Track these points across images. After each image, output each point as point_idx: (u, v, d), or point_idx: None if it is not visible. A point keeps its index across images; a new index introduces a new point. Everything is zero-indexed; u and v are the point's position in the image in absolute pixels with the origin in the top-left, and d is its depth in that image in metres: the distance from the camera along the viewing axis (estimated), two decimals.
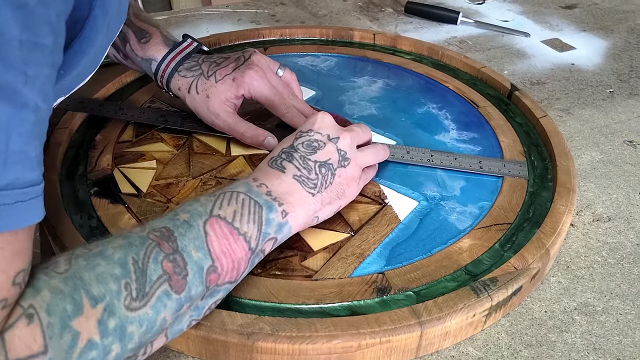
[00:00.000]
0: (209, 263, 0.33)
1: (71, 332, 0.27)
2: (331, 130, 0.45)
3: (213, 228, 0.34)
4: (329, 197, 0.42)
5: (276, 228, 0.38)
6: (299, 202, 0.39)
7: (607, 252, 0.48)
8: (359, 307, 0.40)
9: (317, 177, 0.41)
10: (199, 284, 0.32)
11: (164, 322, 0.31)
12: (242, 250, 0.35)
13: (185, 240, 0.33)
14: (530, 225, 0.47)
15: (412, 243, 0.45)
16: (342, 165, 0.43)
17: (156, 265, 0.31)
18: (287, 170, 0.41)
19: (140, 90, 0.65)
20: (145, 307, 0.30)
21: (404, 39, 0.77)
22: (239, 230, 0.35)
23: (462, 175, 0.53)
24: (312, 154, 0.42)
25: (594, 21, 0.92)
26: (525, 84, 0.74)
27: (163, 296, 0.30)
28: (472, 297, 0.39)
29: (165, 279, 0.31)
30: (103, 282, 0.29)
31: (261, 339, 0.36)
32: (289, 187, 0.40)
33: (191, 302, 0.32)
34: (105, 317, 0.28)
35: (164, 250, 0.32)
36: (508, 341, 0.40)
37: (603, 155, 0.60)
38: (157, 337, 0.31)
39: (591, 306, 0.43)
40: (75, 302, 0.27)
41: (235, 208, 0.36)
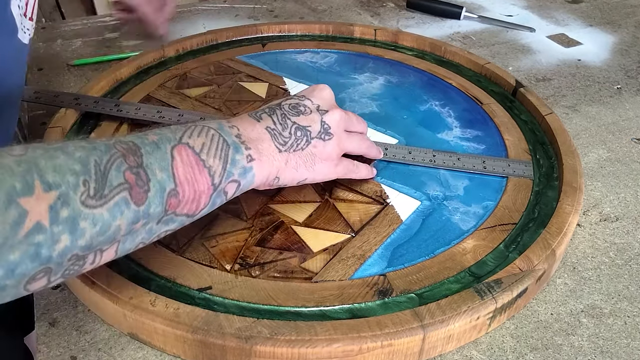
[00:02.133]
0: (171, 186, 0.33)
1: (18, 209, 0.26)
2: (324, 102, 0.45)
3: (180, 154, 0.34)
4: (295, 161, 0.42)
5: (240, 171, 0.38)
6: (265, 152, 0.40)
7: (615, 252, 0.48)
8: (359, 309, 0.40)
9: (290, 136, 0.41)
10: (159, 203, 0.33)
11: (117, 230, 0.31)
12: (205, 183, 0.35)
13: (151, 158, 0.33)
14: (535, 226, 0.47)
15: (415, 244, 0.45)
16: (321, 138, 0.43)
17: (118, 173, 0.31)
18: (263, 120, 0.41)
19: (135, 87, 0.65)
20: (101, 207, 0.29)
21: (406, 34, 0.77)
22: (204, 163, 0.35)
23: (465, 174, 0.53)
24: (293, 116, 0.43)
25: (601, 16, 0.92)
26: (530, 81, 0.73)
27: (122, 203, 0.30)
28: (476, 299, 0.39)
29: (126, 187, 0.31)
30: (60, 173, 0.28)
31: (259, 343, 0.36)
32: (259, 135, 0.40)
33: (147, 219, 0.32)
34: (58, 205, 0.28)
35: (128, 162, 0.31)
36: (513, 345, 0.40)
37: (610, 153, 0.60)
38: (108, 247, 0.31)
39: (598, 308, 0.43)
40: (26, 182, 0.27)
41: (204, 140, 0.36)
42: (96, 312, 0.41)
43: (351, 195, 0.50)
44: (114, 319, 0.40)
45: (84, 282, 0.40)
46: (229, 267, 0.42)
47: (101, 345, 0.39)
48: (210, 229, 0.46)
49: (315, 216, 0.47)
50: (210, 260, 0.43)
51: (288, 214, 0.47)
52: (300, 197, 0.49)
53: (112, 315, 0.39)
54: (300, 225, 0.46)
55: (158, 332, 0.37)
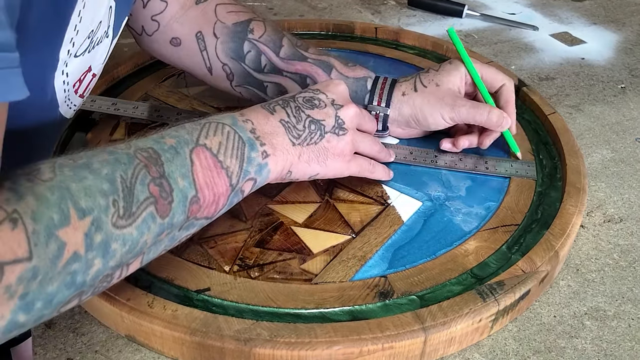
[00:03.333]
0: (192, 193, 0.34)
1: (57, 242, 0.27)
2: (338, 97, 0.45)
3: (199, 157, 0.35)
4: (308, 155, 0.42)
5: (256, 168, 0.38)
6: (279, 147, 0.40)
7: (619, 254, 0.48)
8: (360, 311, 0.40)
9: (304, 130, 0.42)
10: (182, 212, 0.33)
11: (144, 244, 0.31)
12: (224, 185, 0.36)
13: (173, 166, 0.33)
14: (538, 227, 0.47)
15: (416, 245, 0.45)
16: (335, 133, 0.43)
17: (143, 187, 0.31)
18: (277, 113, 0.41)
19: (133, 86, 0.65)
20: (130, 226, 0.30)
21: (407, 32, 0.77)
22: (222, 164, 0.36)
23: (467, 174, 0.53)
24: (307, 109, 0.43)
25: (605, 14, 0.92)
26: (533, 80, 0.73)
27: (149, 218, 0.31)
28: (478, 301, 0.39)
29: (152, 201, 0.31)
30: (91, 196, 0.28)
31: (259, 345, 0.36)
32: (273, 128, 0.40)
33: (171, 229, 0.33)
34: (92, 231, 0.28)
35: (151, 174, 0.32)
36: (515, 347, 0.40)
37: (614, 153, 0.60)
38: (134, 261, 0.32)
39: (602, 311, 0.43)
40: (62, 212, 0.27)
41: (220, 139, 0.37)
42: (93, 314, 0.41)
43: (352, 195, 0.50)
44: (111, 320, 0.40)
45: None
46: (228, 268, 0.42)
47: (98, 347, 0.39)
48: (208, 230, 0.45)
49: (316, 217, 0.47)
50: (209, 261, 0.43)
51: (288, 215, 0.47)
52: (300, 198, 0.49)
53: (109, 316, 0.39)
54: (300, 226, 0.46)
55: (156, 334, 0.38)
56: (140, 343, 0.39)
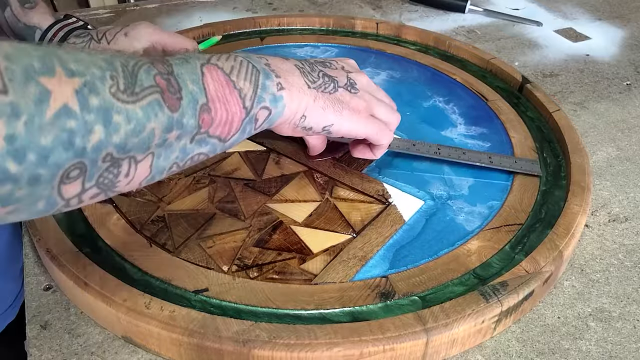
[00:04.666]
0: (203, 100, 0.33)
1: (38, 87, 0.24)
2: (349, 66, 0.46)
3: (210, 71, 0.34)
4: (324, 102, 0.41)
5: (271, 97, 0.37)
6: (295, 84, 0.39)
7: (624, 254, 0.48)
8: (361, 312, 0.40)
9: (318, 78, 0.42)
10: (192, 115, 0.32)
11: (152, 134, 0.29)
12: (236, 105, 0.35)
13: (182, 69, 0.32)
14: (542, 226, 0.47)
15: (418, 245, 0.45)
16: (348, 90, 0.43)
17: (148, 75, 0.29)
18: (290, 60, 0.41)
19: None
20: (134, 104, 0.28)
21: (409, 28, 0.77)
22: (234, 84, 0.35)
23: (470, 173, 0.53)
24: (320, 66, 0.43)
25: (610, 9, 0.92)
26: (537, 76, 0.73)
27: (155, 104, 0.29)
28: (480, 302, 0.39)
29: (158, 90, 0.30)
30: (83, 64, 0.26)
31: (258, 347, 0.36)
32: (289, 67, 0.40)
33: (181, 131, 0.31)
34: (85, 91, 0.26)
35: (158, 68, 0.30)
36: (519, 349, 0.40)
37: (620, 151, 0.60)
38: (143, 158, 0.30)
39: (607, 312, 0.43)
40: (44, 63, 0.25)
41: (232, 64, 0.36)
42: (89, 315, 0.41)
43: (352, 194, 0.50)
44: (108, 321, 0.40)
45: (77, 283, 0.39)
46: (226, 268, 0.42)
47: (94, 348, 0.39)
48: (206, 229, 0.45)
49: (315, 216, 0.47)
50: (207, 261, 0.43)
51: (287, 214, 0.47)
52: (299, 197, 0.49)
53: (106, 317, 0.39)
54: (300, 225, 0.46)
55: (153, 336, 0.37)
56: (137, 344, 0.39)
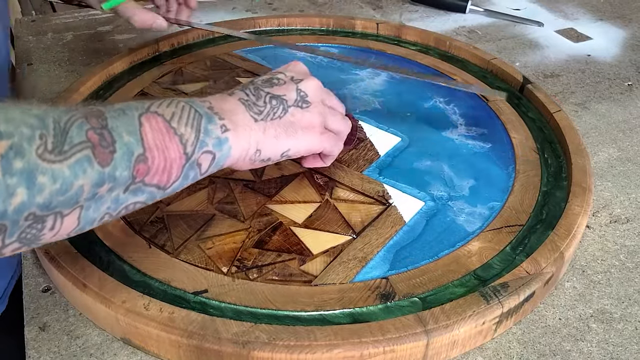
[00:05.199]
0: (140, 150, 0.32)
1: None
2: (298, 74, 0.44)
3: (149, 120, 0.33)
4: (275, 130, 0.41)
5: (215, 141, 0.37)
6: (240, 123, 0.39)
7: (626, 255, 0.48)
8: (361, 314, 0.40)
9: (264, 105, 0.41)
10: (126, 167, 0.31)
11: (80, 191, 0.29)
12: (176, 151, 0.34)
13: (117, 122, 0.32)
14: (543, 227, 0.47)
15: (418, 246, 0.45)
16: (299, 106, 0.42)
17: (80, 131, 0.29)
18: (235, 94, 0.41)
19: (129, 83, 0.65)
20: (61, 163, 0.28)
21: (409, 28, 0.77)
22: (175, 130, 0.34)
23: (471, 174, 0.53)
24: (267, 87, 0.42)
25: (611, 10, 0.92)
26: (538, 77, 0.73)
27: (84, 160, 0.29)
28: (481, 303, 0.39)
29: (89, 146, 0.29)
30: (13, 124, 0.26)
31: (257, 348, 0.36)
32: (232, 106, 0.40)
33: (113, 184, 0.31)
34: (10, 155, 0.26)
35: (91, 123, 0.30)
36: (520, 350, 0.40)
37: (621, 152, 0.60)
38: (70, 212, 0.30)
39: (608, 313, 0.43)
40: None
41: (173, 110, 0.35)
42: (88, 316, 0.41)
43: (352, 195, 0.50)
44: (107, 323, 0.40)
45: (75, 284, 0.40)
46: (226, 269, 0.42)
47: (93, 350, 0.39)
48: (206, 230, 0.46)
49: (315, 217, 0.47)
50: (206, 262, 0.43)
51: (287, 215, 0.47)
52: (299, 197, 0.49)
53: (105, 319, 0.39)
54: (300, 226, 0.46)
55: (152, 337, 0.38)
56: (136, 346, 0.39)
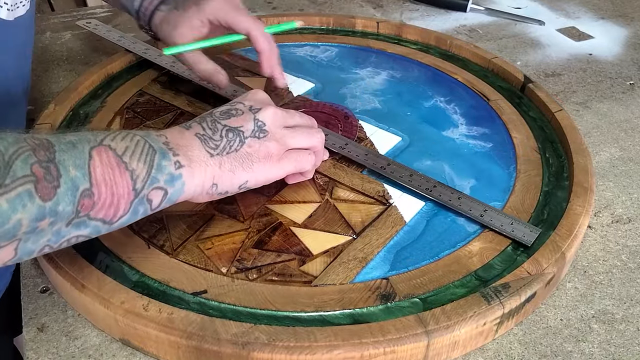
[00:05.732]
0: (86, 185, 0.32)
1: None
2: (257, 103, 0.44)
3: (99, 154, 0.33)
4: (230, 164, 0.41)
5: (167, 177, 0.37)
6: (195, 159, 0.39)
7: (627, 255, 0.48)
8: (361, 315, 0.40)
9: (221, 139, 0.41)
10: (70, 202, 0.31)
11: (18, 225, 0.29)
12: (125, 187, 0.34)
13: (65, 155, 0.32)
14: (544, 228, 0.47)
15: (419, 246, 0.45)
16: (256, 137, 0.42)
17: (25, 165, 0.29)
18: (192, 128, 0.41)
19: (128, 82, 0.65)
20: (1, 197, 0.28)
21: (410, 27, 0.77)
22: (126, 165, 0.34)
23: (471, 174, 0.53)
24: (224, 119, 0.42)
25: (613, 8, 0.92)
26: (539, 76, 0.73)
27: (25, 195, 0.29)
28: (482, 304, 0.39)
29: (32, 180, 0.29)
30: None
31: (257, 349, 0.36)
32: (188, 141, 0.40)
33: (55, 219, 0.31)
34: None
35: (38, 156, 0.30)
36: (521, 351, 0.40)
37: (623, 152, 0.60)
38: (6, 245, 0.30)
39: (610, 314, 0.43)
40: None
41: (127, 144, 0.35)
42: (86, 317, 0.41)
43: (353, 195, 0.50)
44: (105, 324, 0.40)
45: (74, 285, 0.40)
46: (225, 270, 0.42)
47: (92, 351, 0.39)
48: (205, 231, 0.46)
49: (315, 217, 0.47)
50: (206, 263, 0.43)
51: (287, 215, 0.47)
52: (299, 198, 0.49)
53: (103, 320, 0.39)
54: (300, 226, 0.46)
55: (151, 338, 0.38)
56: (135, 347, 0.39)
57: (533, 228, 0.45)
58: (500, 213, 0.47)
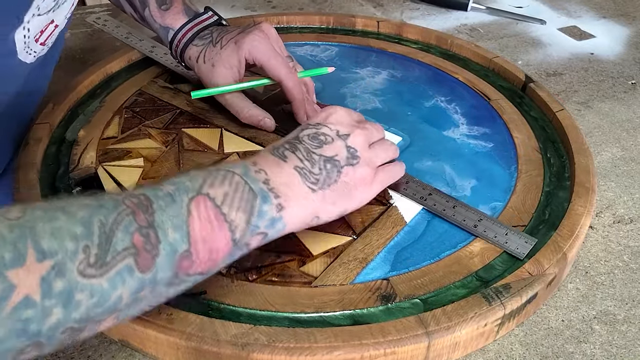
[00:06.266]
0: (184, 247, 0.32)
1: (4, 283, 0.25)
2: (342, 126, 0.43)
3: (198, 208, 0.33)
4: (332, 196, 0.41)
5: (268, 222, 0.36)
6: (296, 197, 0.38)
7: (629, 256, 0.48)
8: (361, 315, 0.40)
9: (320, 172, 0.40)
10: (168, 268, 0.31)
11: (119, 300, 0.29)
12: (223, 240, 0.34)
13: (164, 215, 0.31)
14: (546, 228, 0.47)
15: (419, 247, 0.45)
16: (350, 164, 0.42)
17: (125, 235, 0.29)
18: (289, 159, 0.40)
19: (126, 82, 0.65)
20: (101, 277, 0.28)
21: (410, 26, 0.77)
22: (225, 217, 0.34)
23: (472, 174, 0.53)
24: (317, 148, 0.41)
25: (615, 7, 0.92)
26: (540, 75, 0.73)
27: (125, 271, 0.29)
28: (483, 305, 0.39)
29: (132, 252, 0.29)
30: (58, 238, 0.27)
31: (257, 350, 0.36)
32: (289, 178, 0.39)
33: (154, 286, 0.31)
34: (51, 276, 0.26)
35: (138, 222, 0.30)
36: (522, 352, 0.40)
37: (625, 151, 0.60)
38: (107, 317, 0.30)
39: (612, 315, 0.43)
40: (17, 251, 0.26)
41: (226, 190, 0.35)
42: None
43: None
44: None
45: None
46: (225, 270, 0.42)
47: (90, 352, 0.39)
48: None
49: None
50: None
51: None
52: None
53: None
54: None
55: (150, 339, 0.38)
56: (134, 348, 0.39)
57: (529, 238, 0.45)
58: (495, 222, 0.46)
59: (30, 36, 0.41)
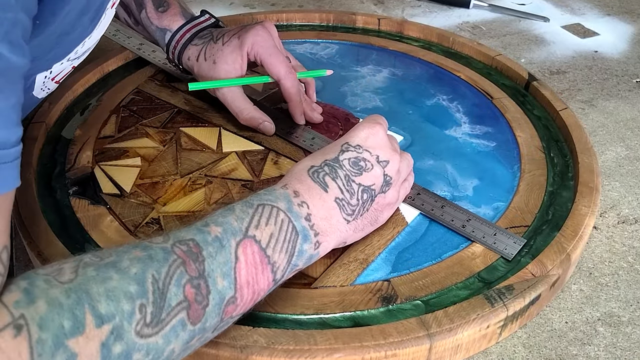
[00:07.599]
0: (231, 294, 0.32)
1: (66, 353, 0.25)
2: (382, 151, 0.43)
3: (245, 253, 0.34)
4: (362, 224, 0.42)
5: (306, 260, 0.38)
6: (333, 231, 0.39)
7: (634, 257, 0.48)
8: (362, 317, 0.40)
9: (357, 203, 0.41)
10: (216, 315, 0.32)
11: (171, 353, 0.30)
12: (266, 281, 0.35)
13: (214, 264, 0.32)
14: (549, 228, 0.47)
15: (421, 248, 0.45)
16: (382, 191, 0.43)
17: (178, 289, 0.30)
18: (330, 189, 0.40)
19: (123, 80, 0.65)
20: (157, 335, 0.29)
21: (412, 24, 0.77)
22: (269, 259, 0.35)
23: (475, 173, 0.53)
24: (357, 176, 0.41)
25: (619, 4, 0.92)
26: (544, 74, 0.73)
27: (178, 326, 0.30)
28: (485, 306, 0.39)
29: (185, 306, 0.30)
30: (114, 300, 0.27)
31: (256, 353, 0.36)
32: (329, 211, 0.39)
33: (202, 335, 0.32)
34: (110, 341, 0.27)
35: (189, 272, 0.31)
36: (525, 355, 0.40)
37: (629, 151, 0.60)
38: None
39: (616, 316, 0.43)
40: (75, 318, 0.26)
41: (272, 230, 0.35)
42: None
43: None
44: None
45: None
46: None
47: None
48: None
49: None
50: None
51: None
52: None
53: None
54: None
55: None
56: None
57: (517, 239, 0.45)
58: (484, 222, 0.46)
59: (50, 77, 0.42)
